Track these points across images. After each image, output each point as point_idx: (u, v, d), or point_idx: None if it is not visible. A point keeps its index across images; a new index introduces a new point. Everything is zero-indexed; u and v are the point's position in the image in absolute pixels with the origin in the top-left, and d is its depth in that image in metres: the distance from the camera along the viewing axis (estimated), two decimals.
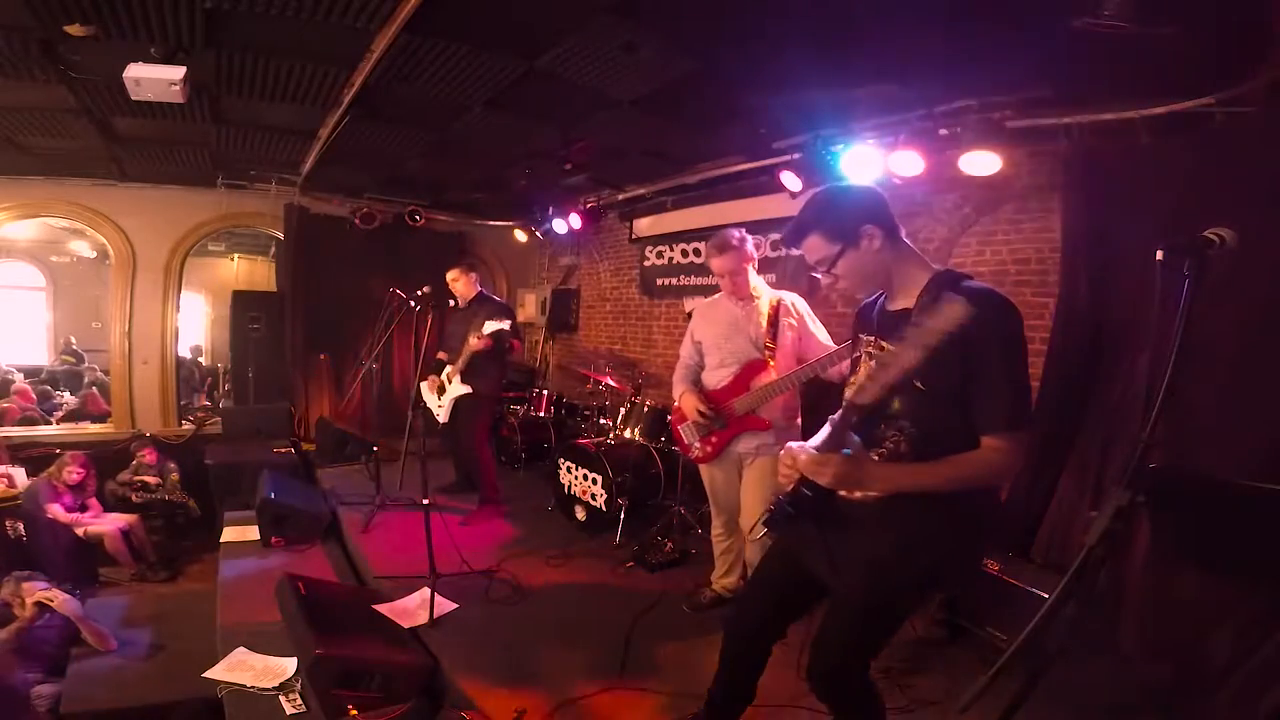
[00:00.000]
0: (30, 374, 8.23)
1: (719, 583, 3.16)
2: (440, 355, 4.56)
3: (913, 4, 2.42)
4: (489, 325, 4.09)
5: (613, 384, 5.23)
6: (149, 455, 5.48)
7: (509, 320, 4.15)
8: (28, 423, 6.62)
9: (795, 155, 3.99)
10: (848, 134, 3.69)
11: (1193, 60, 2.44)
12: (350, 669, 2.25)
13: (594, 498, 4.12)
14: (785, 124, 3.92)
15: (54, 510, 4.59)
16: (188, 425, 6.43)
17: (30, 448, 5.56)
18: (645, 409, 4.52)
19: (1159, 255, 1.29)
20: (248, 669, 2.55)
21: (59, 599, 3.14)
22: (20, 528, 4.62)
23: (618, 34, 2.85)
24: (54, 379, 8.48)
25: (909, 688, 2.50)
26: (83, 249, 9.29)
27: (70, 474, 4.72)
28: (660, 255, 6.11)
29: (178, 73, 3.00)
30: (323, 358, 6.73)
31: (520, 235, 7.19)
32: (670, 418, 3.35)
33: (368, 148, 4.74)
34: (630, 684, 2.52)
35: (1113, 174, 2.93)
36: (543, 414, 5.81)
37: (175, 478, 5.52)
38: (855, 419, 1.45)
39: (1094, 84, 2.84)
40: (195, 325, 9.86)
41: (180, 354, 6.79)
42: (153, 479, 5.38)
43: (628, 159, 4.97)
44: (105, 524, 4.74)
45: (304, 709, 2.33)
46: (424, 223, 6.73)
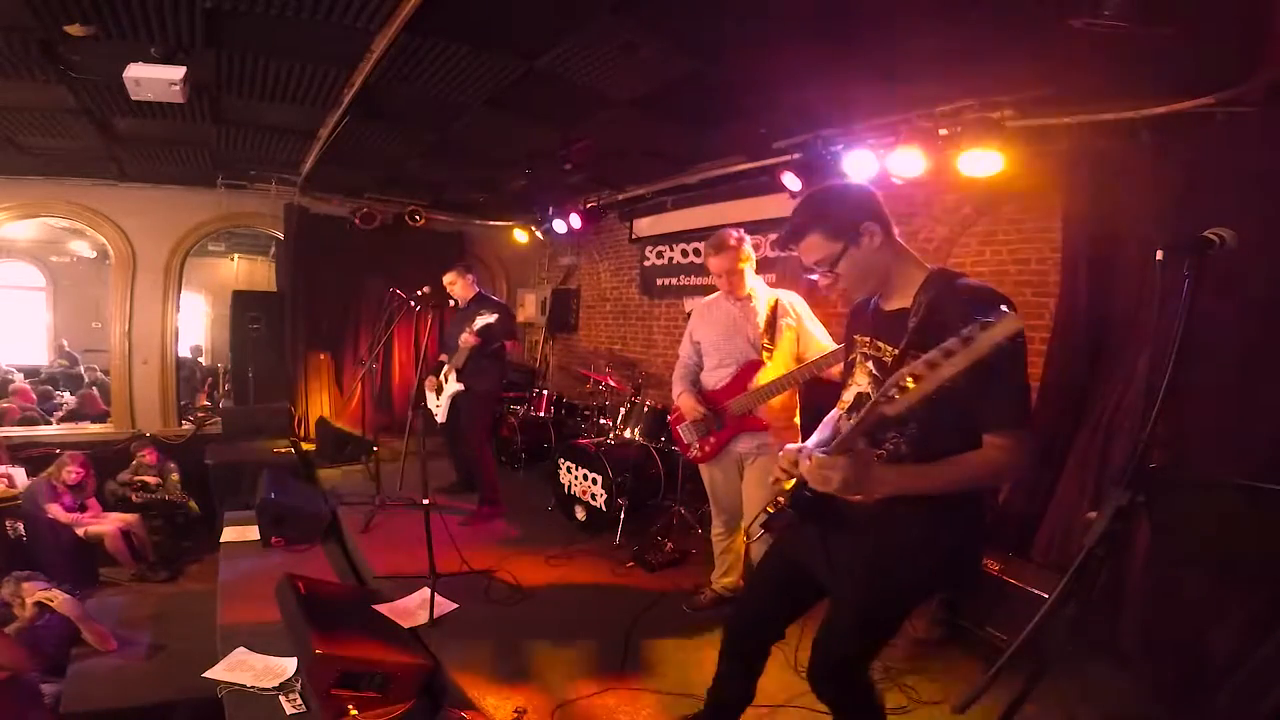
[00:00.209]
0: (29, 375, 8.24)
1: (719, 583, 3.16)
2: (442, 357, 4.57)
3: (913, 3, 2.42)
4: (478, 321, 4.09)
5: (613, 384, 5.23)
6: (149, 455, 5.48)
7: (495, 314, 4.15)
8: (28, 423, 6.63)
9: (795, 155, 3.98)
10: (848, 134, 3.69)
11: (1193, 60, 2.44)
12: (350, 669, 2.25)
13: (594, 498, 4.12)
14: (785, 124, 3.91)
15: (54, 510, 4.59)
16: (188, 425, 6.44)
17: (30, 448, 5.56)
18: (645, 409, 4.52)
19: (1159, 255, 1.29)
20: (248, 669, 2.55)
21: (59, 599, 3.14)
22: (20, 528, 4.62)
23: (618, 34, 2.86)
24: (53, 380, 8.49)
25: (909, 688, 2.50)
26: (83, 249, 9.29)
27: (69, 474, 4.72)
28: (660, 255, 6.11)
29: (178, 73, 3.00)
30: (323, 358, 6.74)
31: (520, 235, 7.19)
32: (670, 418, 3.35)
33: (368, 148, 4.74)
34: (630, 684, 2.52)
35: (1113, 174, 2.93)
36: (543, 414, 5.81)
37: (175, 478, 5.52)
38: (878, 428, 1.35)
39: (1094, 84, 2.84)
40: (195, 325, 9.86)
41: (180, 354, 6.80)
42: (153, 479, 5.38)
43: (628, 159, 4.97)
44: (105, 524, 4.73)
45: (304, 709, 2.33)
46: (424, 223, 6.73)
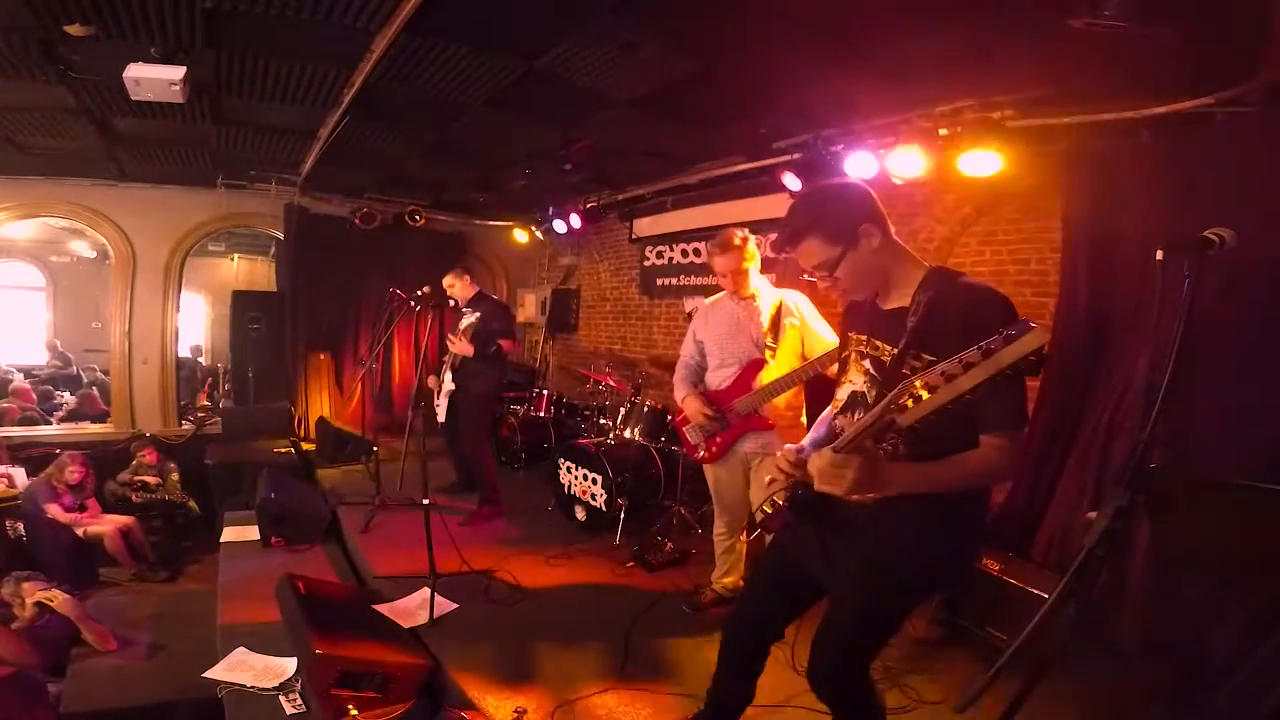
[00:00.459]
0: (28, 375, 8.23)
1: (719, 583, 3.16)
2: (446, 356, 4.57)
3: (913, 3, 2.42)
4: (463, 321, 4.09)
5: (613, 384, 5.22)
6: (149, 455, 5.48)
7: (478, 313, 4.13)
8: (28, 423, 6.63)
9: (795, 155, 3.98)
10: (848, 134, 3.69)
11: (1193, 60, 2.44)
12: (350, 669, 2.25)
13: (594, 498, 4.12)
14: (785, 124, 3.91)
15: (54, 510, 4.59)
16: (188, 425, 6.44)
17: (30, 448, 5.57)
18: (645, 409, 4.52)
19: (1159, 255, 1.29)
20: (248, 669, 2.55)
21: (59, 599, 3.14)
22: (20, 528, 4.63)
23: (618, 34, 2.86)
24: (48, 380, 8.47)
25: (909, 688, 2.50)
26: (83, 249, 9.29)
27: (71, 474, 4.73)
28: (660, 255, 6.12)
29: (178, 73, 3.00)
30: (323, 358, 6.74)
31: (520, 235, 7.19)
32: (675, 419, 3.34)
33: (368, 148, 4.74)
34: (630, 684, 2.52)
35: (1113, 174, 2.93)
36: (543, 414, 5.81)
37: (175, 478, 5.52)
38: (885, 431, 1.29)
39: (1094, 84, 2.84)
40: (195, 325, 9.86)
41: (180, 354, 6.80)
42: (153, 479, 5.39)
43: (628, 159, 4.97)
44: (105, 524, 4.73)
45: (304, 709, 2.33)
46: (424, 223, 6.73)
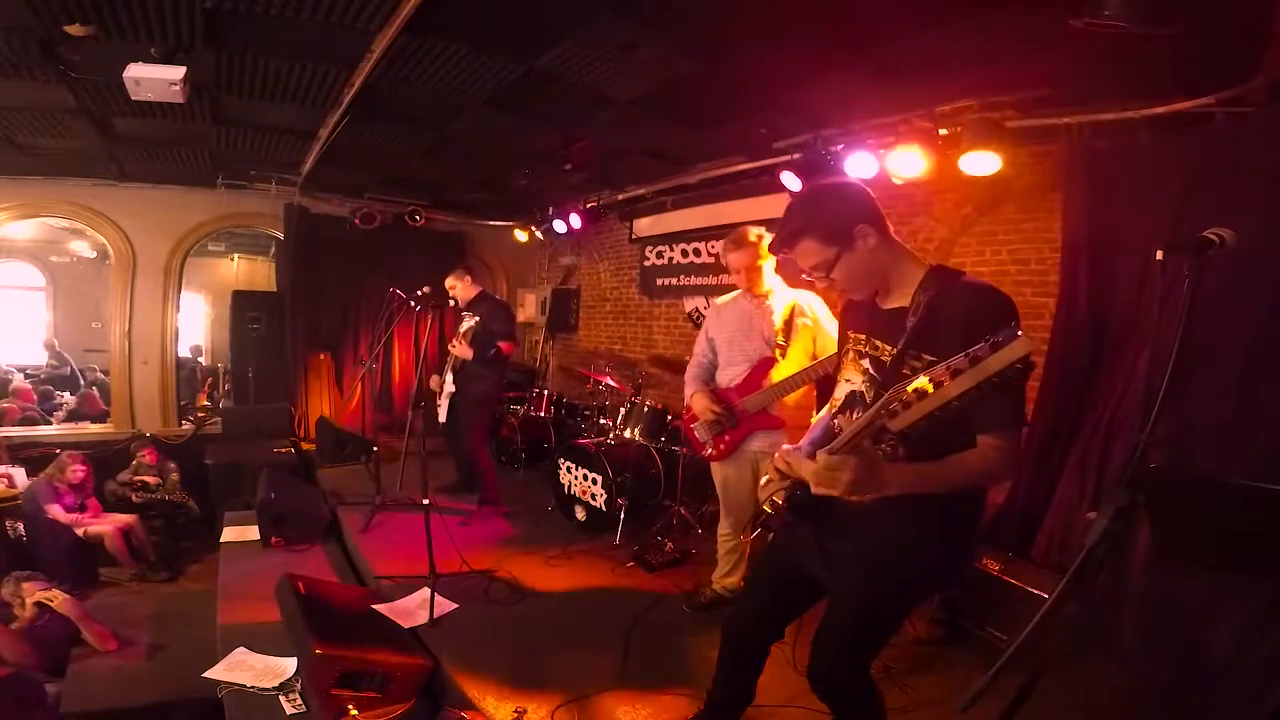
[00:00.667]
0: (26, 376, 8.23)
1: (720, 582, 3.16)
2: (448, 357, 4.57)
3: (913, 3, 2.42)
4: (463, 324, 4.09)
5: (613, 384, 5.22)
6: (149, 455, 5.48)
7: (478, 316, 4.13)
8: (28, 423, 6.63)
9: (795, 155, 3.98)
10: (848, 134, 3.69)
11: (1193, 60, 2.44)
12: (350, 669, 2.25)
13: (594, 498, 4.12)
14: (785, 124, 3.91)
15: (54, 511, 4.59)
16: (188, 425, 6.44)
17: (30, 448, 5.56)
18: (645, 409, 4.52)
19: (1159, 255, 1.29)
20: (248, 669, 2.55)
21: (59, 599, 3.14)
22: (20, 528, 4.62)
23: (618, 34, 2.86)
24: (49, 380, 8.46)
25: (909, 688, 2.50)
26: (83, 249, 9.28)
27: (73, 473, 4.72)
28: (660, 255, 6.12)
29: (178, 73, 3.00)
30: (323, 358, 6.74)
31: (520, 235, 7.19)
32: (683, 416, 3.33)
33: (368, 148, 4.74)
34: (630, 684, 2.52)
35: (1113, 174, 2.93)
36: (543, 414, 5.80)
37: (175, 478, 5.52)
38: (878, 435, 1.30)
39: (1094, 84, 2.84)
40: (195, 325, 9.85)
41: (180, 354, 6.80)
42: (153, 479, 5.39)
43: (628, 159, 4.97)
44: (105, 524, 4.73)
45: (304, 709, 2.33)
46: (424, 223, 6.73)
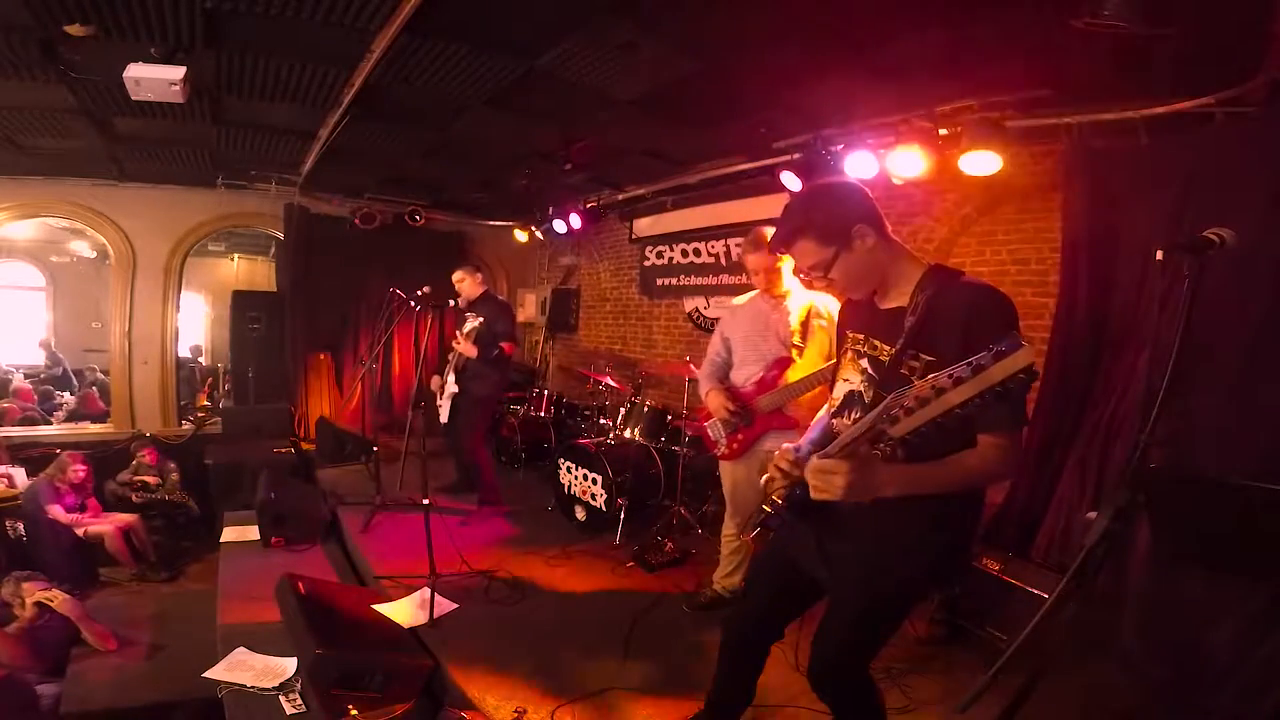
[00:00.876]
0: (28, 375, 8.24)
1: (721, 582, 3.15)
2: (450, 356, 4.57)
3: (913, 3, 2.42)
4: (466, 325, 4.08)
5: (613, 384, 5.23)
6: (149, 455, 5.48)
7: (481, 317, 4.12)
8: (28, 423, 6.63)
9: (795, 155, 3.98)
10: (848, 134, 3.69)
11: (1193, 60, 2.44)
12: (350, 669, 2.25)
13: (594, 498, 4.12)
14: (785, 124, 3.91)
15: (54, 511, 4.58)
16: (188, 425, 6.44)
17: (30, 448, 5.56)
18: (645, 409, 4.52)
19: (1159, 255, 1.29)
20: (248, 669, 2.55)
21: (59, 599, 3.14)
22: (20, 528, 4.62)
23: (618, 34, 2.86)
24: (46, 380, 8.46)
25: (909, 688, 2.50)
26: (83, 249, 9.28)
27: (74, 473, 4.72)
28: (660, 255, 6.12)
29: (178, 73, 3.00)
30: (323, 358, 6.74)
31: (520, 235, 7.19)
32: (697, 416, 3.33)
33: (368, 148, 4.74)
34: (630, 684, 2.52)
35: (1113, 174, 2.93)
36: (543, 414, 5.81)
37: (175, 478, 5.51)
38: (877, 439, 1.28)
39: (1094, 84, 2.84)
40: (195, 325, 9.86)
41: (180, 354, 6.79)
42: (153, 479, 5.38)
43: (628, 159, 4.97)
44: (105, 524, 4.73)
45: (304, 709, 2.33)
46: (424, 223, 6.73)
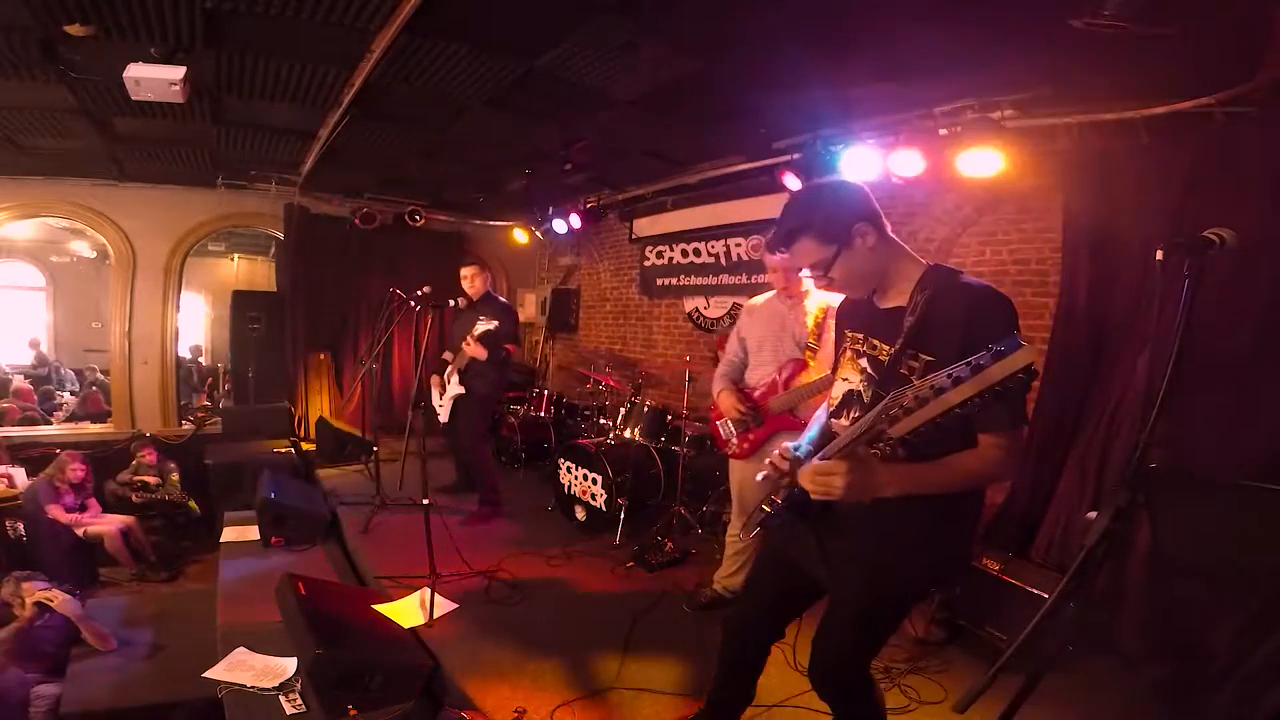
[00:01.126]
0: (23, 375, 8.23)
1: (722, 582, 3.15)
2: (445, 355, 4.56)
3: (913, 3, 2.42)
4: (478, 327, 4.08)
5: (613, 384, 5.23)
6: (149, 455, 5.48)
7: (496, 321, 4.13)
8: (28, 423, 6.63)
9: (795, 155, 3.98)
10: (848, 134, 3.69)
11: (1193, 60, 2.44)
12: (350, 669, 2.25)
13: (594, 498, 4.12)
14: (785, 124, 3.91)
15: (54, 511, 4.58)
16: (188, 425, 6.43)
17: (30, 448, 5.56)
18: (645, 409, 4.52)
19: (1159, 255, 1.29)
20: (248, 669, 2.55)
21: (59, 599, 3.14)
22: (20, 528, 4.62)
23: (618, 34, 2.85)
24: (32, 381, 8.44)
25: (909, 688, 2.50)
26: (83, 249, 9.28)
27: (73, 472, 4.72)
28: (660, 255, 6.12)
29: (178, 73, 3.00)
30: (323, 358, 6.74)
31: (520, 235, 7.19)
32: (710, 415, 3.34)
33: (367, 148, 4.74)
34: (630, 684, 2.52)
35: (1113, 174, 2.93)
36: (543, 414, 5.81)
37: (175, 478, 5.52)
38: (876, 439, 1.28)
39: (1094, 84, 2.84)
40: (195, 325, 9.86)
41: (180, 354, 6.80)
42: (153, 479, 5.38)
43: (628, 159, 4.97)
44: (105, 524, 4.73)
45: (304, 709, 2.33)
46: (424, 223, 6.73)
